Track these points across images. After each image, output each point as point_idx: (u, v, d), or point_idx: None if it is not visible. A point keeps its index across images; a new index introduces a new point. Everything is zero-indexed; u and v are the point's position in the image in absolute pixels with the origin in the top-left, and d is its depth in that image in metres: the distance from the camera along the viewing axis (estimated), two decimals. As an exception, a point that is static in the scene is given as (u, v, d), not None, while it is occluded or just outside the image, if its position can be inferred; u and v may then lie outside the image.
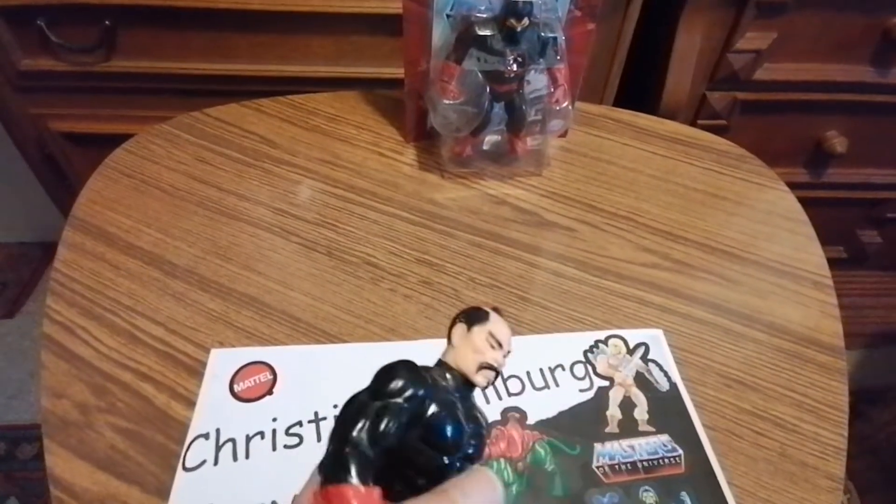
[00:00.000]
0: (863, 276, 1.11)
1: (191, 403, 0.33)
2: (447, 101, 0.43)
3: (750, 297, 0.41)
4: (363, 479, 0.15)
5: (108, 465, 0.30)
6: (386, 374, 0.18)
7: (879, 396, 0.94)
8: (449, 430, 0.18)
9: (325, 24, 0.61)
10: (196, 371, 0.34)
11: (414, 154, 0.50)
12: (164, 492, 0.29)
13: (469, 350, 0.20)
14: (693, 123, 0.84)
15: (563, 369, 0.35)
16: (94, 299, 0.37)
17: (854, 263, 1.08)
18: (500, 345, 0.20)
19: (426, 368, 0.20)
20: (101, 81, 0.63)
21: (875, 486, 0.96)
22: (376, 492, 0.16)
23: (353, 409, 0.17)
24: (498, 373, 0.20)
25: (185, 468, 0.30)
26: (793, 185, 0.96)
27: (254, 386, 0.34)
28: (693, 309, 0.40)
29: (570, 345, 0.37)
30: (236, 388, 0.33)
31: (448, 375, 0.20)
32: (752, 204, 0.49)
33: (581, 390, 0.35)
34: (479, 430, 0.20)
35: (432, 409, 0.18)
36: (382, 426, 0.16)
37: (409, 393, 0.17)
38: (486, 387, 0.20)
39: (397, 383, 0.17)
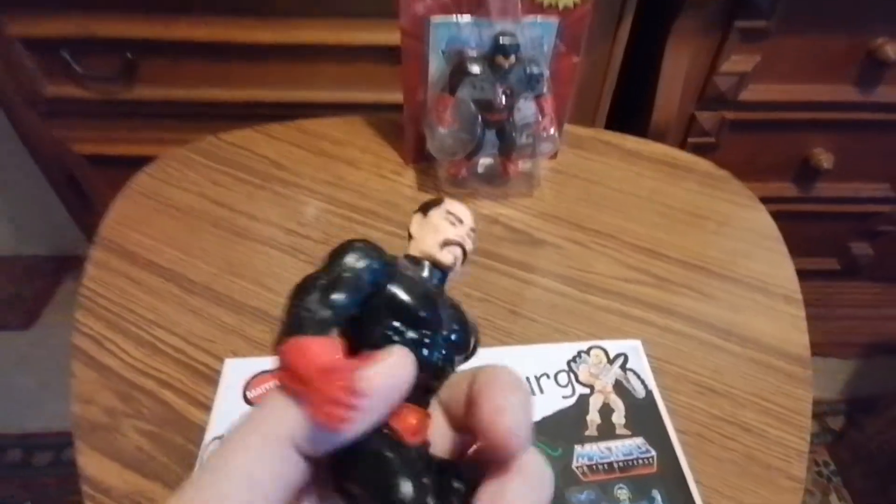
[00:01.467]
0: (856, 287, 1.13)
1: (207, 408, 0.36)
2: (443, 129, 0.47)
3: (725, 311, 0.44)
4: (321, 333, 0.15)
5: (134, 464, 0.33)
6: (339, 248, 0.17)
7: (872, 405, 0.96)
8: (413, 298, 0.17)
9: (331, 54, 0.65)
10: (212, 379, 0.37)
11: (413, 176, 0.53)
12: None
13: (429, 231, 0.19)
14: (684, 141, 0.87)
15: (548, 377, 0.38)
16: (120, 313, 0.41)
17: (848, 275, 1.11)
18: (460, 221, 0.19)
19: (390, 256, 0.18)
20: (121, 108, 0.67)
21: (869, 492, 0.97)
22: (338, 340, 0.15)
23: (302, 284, 0.16)
24: (464, 249, 0.19)
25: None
26: (783, 200, 1.00)
27: (264, 393, 0.37)
28: (671, 322, 0.43)
29: (555, 355, 0.40)
30: (249, 394, 0.37)
31: (415, 265, 0.19)
32: (730, 223, 0.52)
33: (564, 397, 0.38)
34: (460, 316, 0.19)
35: (394, 281, 0.17)
36: (335, 295, 0.15)
37: (362, 264, 0.16)
38: (452, 265, 0.19)
39: (351, 256, 0.16)
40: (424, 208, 0.20)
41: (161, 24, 0.61)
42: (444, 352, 0.17)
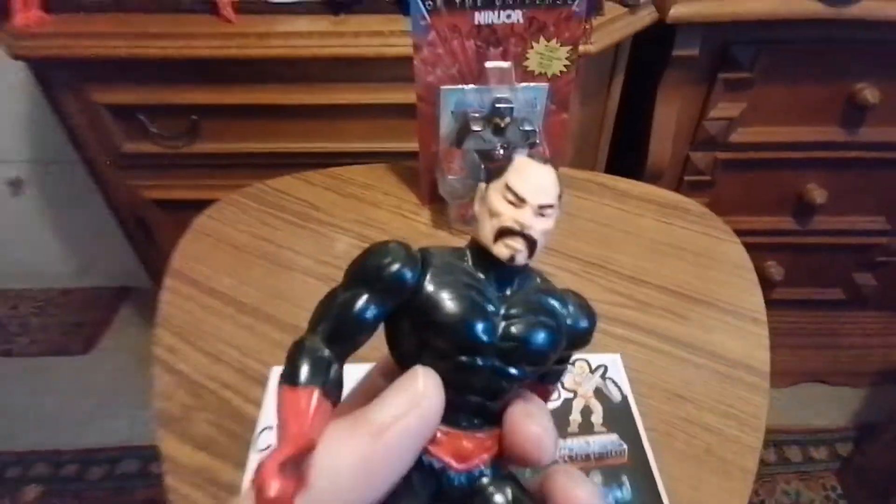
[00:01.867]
0: (863, 316, 1.16)
1: (258, 405, 0.44)
2: (452, 176, 0.56)
3: (698, 331, 0.51)
4: (314, 381, 0.14)
5: (203, 446, 0.42)
6: (360, 257, 0.15)
7: (877, 432, 0.98)
8: (449, 311, 0.15)
9: (358, 112, 0.76)
10: (261, 382, 0.46)
11: (428, 215, 0.62)
12: (241, 465, 0.40)
13: (485, 214, 0.16)
14: (681, 180, 0.94)
15: (539, 384, 0.46)
16: (188, 329, 0.50)
17: (854, 305, 1.14)
18: (521, 200, 0.15)
19: (435, 251, 0.16)
20: (185, 160, 0.79)
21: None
22: (315, 393, 0.14)
23: (319, 304, 0.15)
24: (528, 238, 0.15)
25: (256, 450, 0.41)
26: (783, 233, 1.05)
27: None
28: (649, 339, 0.50)
29: (545, 366, 0.47)
30: (291, 395, 0.45)
31: (468, 256, 0.16)
32: (707, 254, 0.59)
33: (551, 400, 0.45)
34: (532, 329, 0.16)
35: (429, 289, 0.15)
36: (344, 318, 0.14)
37: (389, 272, 0.14)
38: (512, 260, 0.15)
39: (373, 265, 0.15)
40: (489, 177, 0.17)
41: (220, 91, 0.73)
42: (515, 372, 0.15)
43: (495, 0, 0.48)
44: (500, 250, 0.16)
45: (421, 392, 0.15)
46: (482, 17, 0.49)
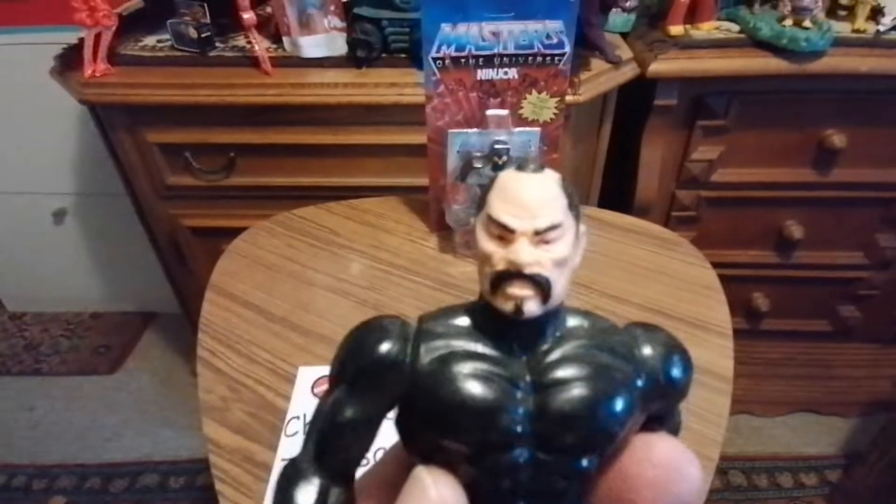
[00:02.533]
0: (851, 348, 1.20)
1: (287, 398, 0.51)
2: (457, 206, 0.64)
3: (671, 342, 0.58)
4: None
5: (240, 431, 0.49)
6: (342, 343, 0.13)
7: (862, 458, 1.02)
8: (451, 398, 0.11)
9: (375, 150, 0.85)
10: (290, 380, 0.53)
11: (436, 241, 0.70)
12: (274, 447, 0.47)
13: (478, 260, 0.13)
14: (668, 215, 1.02)
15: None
16: (227, 335, 0.58)
17: (840, 337, 1.18)
18: (509, 231, 0.12)
19: (434, 319, 0.13)
20: (221, 192, 0.89)
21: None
22: None
23: (313, 418, 0.12)
24: (533, 280, 0.12)
25: (285, 435, 0.48)
26: (767, 266, 1.12)
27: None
28: (627, 349, 0.57)
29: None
30: (315, 390, 0.52)
31: (477, 316, 0.13)
32: (681, 277, 0.66)
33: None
34: (580, 397, 0.12)
35: (424, 372, 0.12)
36: (329, 429, 0.12)
37: (369, 360, 0.12)
38: (520, 313, 0.12)
39: (352, 352, 0.12)
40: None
41: (256, 132, 0.84)
42: (551, 466, 0.12)
43: (494, 60, 0.57)
44: (502, 304, 0.12)
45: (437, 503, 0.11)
46: (483, 74, 0.58)
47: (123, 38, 0.88)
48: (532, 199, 0.13)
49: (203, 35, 0.83)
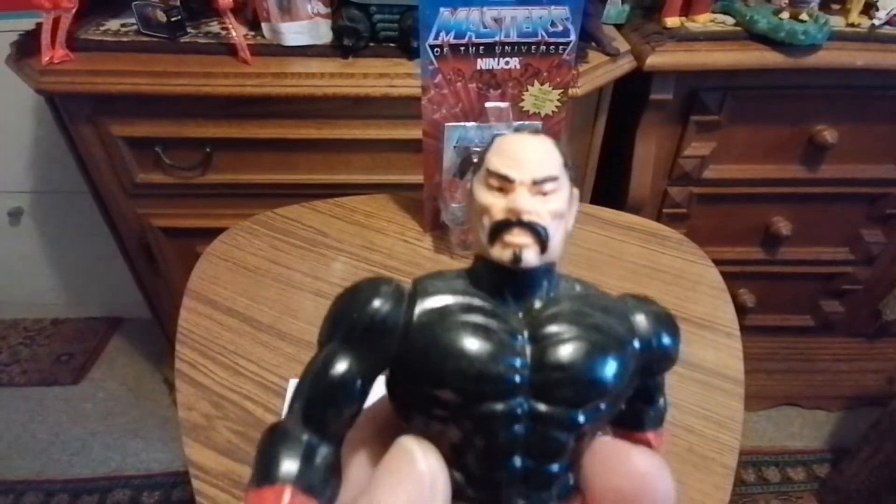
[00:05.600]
0: (834, 342, 1.22)
1: (278, 414, 0.47)
2: (454, 204, 0.61)
3: (679, 344, 0.56)
4: (285, 477, 0.11)
5: (226, 453, 0.44)
6: (334, 302, 0.12)
7: (852, 454, 1.03)
8: (446, 344, 0.11)
9: (363, 145, 0.81)
10: (279, 393, 0.49)
11: (430, 241, 0.67)
12: (264, 468, 0.43)
13: (476, 218, 0.13)
14: (660, 212, 1.01)
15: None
16: (208, 346, 0.53)
17: (823, 331, 1.20)
18: (509, 180, 0.12)
19: (430, 279, 0.12)
20: (197, 190, 0.83)
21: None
22: (287, 493, 0.11)
23: (300, 378, 0.12)
24: (532, 227, 0.12)
25: (277, 454, 0.44)
26: (753, 262, 1.12)
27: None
28: (635, 353, 0.55)
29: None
30: (308, 404, 0.48)
31: (474, 276, 0.13)
32: (684, 275, 0.64)
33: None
34: (576, 348, 0.11)
35: (419, 325, 0.12)
36: (321, 387, 0.11)
37: (365, 315, 0.12)
38: (519, 262, 0.12)
39: (345, 309, 0.12)
40: (473, 168, 0.12)
41: (234, 126, 0.78)
42: (547, 418, 0.11)
43: (495, 48, 0.54)
44: (500, 253, 0.12)
45: (427, 475, 0.11)
46: (483, 63, 0.55)
47: (84, 21, 0.82)
48: (531, 152, 0.13)
49: (173, 19, 0.77)
